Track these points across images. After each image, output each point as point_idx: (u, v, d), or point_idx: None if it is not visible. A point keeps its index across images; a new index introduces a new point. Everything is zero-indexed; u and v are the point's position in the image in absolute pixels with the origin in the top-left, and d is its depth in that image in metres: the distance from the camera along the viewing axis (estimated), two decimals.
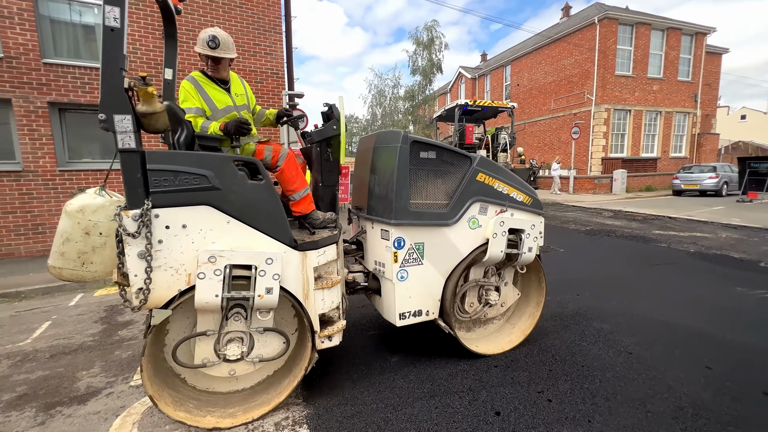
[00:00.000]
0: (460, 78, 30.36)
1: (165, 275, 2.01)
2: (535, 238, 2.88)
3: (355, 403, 2.38)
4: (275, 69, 8.07)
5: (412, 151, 2.52)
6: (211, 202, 2.05)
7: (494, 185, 2.76)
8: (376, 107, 31.10)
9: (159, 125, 2.01)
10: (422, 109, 28.20)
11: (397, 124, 29.41)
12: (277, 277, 2.12)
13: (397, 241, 2.53)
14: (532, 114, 21.87)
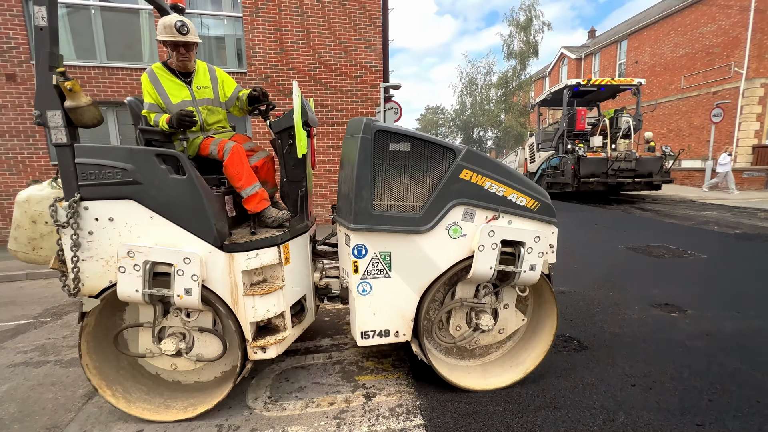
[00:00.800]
0: (562, 59, 27.41)
1: (96, 266, 2.06)
2: (540, 253, 2.23)
3: (470, 401, 2.29)
4: (374, 62, 8.25)
5: (378, 142, 2.12)
6: (133, 197, 2.04)
7: (484, 185, 2.20)
8: (465, 96, 30.03)
9: (86, 119, 2.02)
10: (516, 96, 26.30)
11: (488, 113, 27.99)
12: (195, 278, 2.01)
13: (357, 248, 2.19)
14: (655, 95, 18.68)
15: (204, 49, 7.71)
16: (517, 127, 25.48)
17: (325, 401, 2.35)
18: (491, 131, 30.92)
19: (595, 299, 3.79)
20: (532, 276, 2.26)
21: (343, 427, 2.11)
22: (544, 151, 12.92)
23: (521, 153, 15.11)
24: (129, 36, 7.41)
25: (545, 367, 2.62)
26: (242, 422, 2.17)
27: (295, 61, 7.83)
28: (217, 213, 2.18)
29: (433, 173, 2.19)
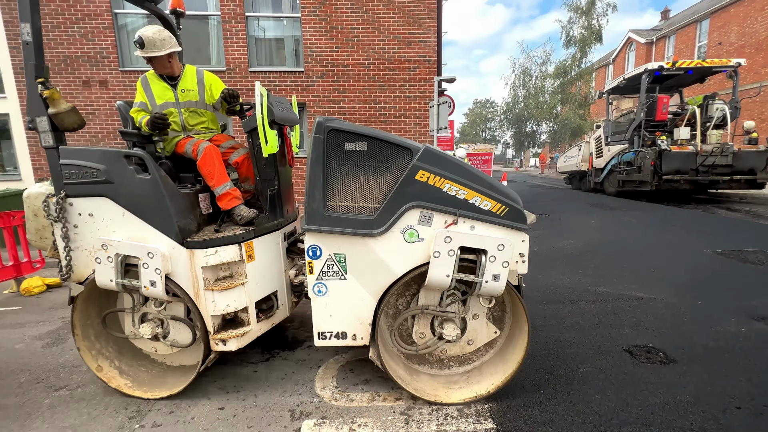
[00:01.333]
0: (629, 44, 25.14)
1: (82, 255, 2.30)
2: (505, 262, 2.03)
3: (544, 409, 2.16)
4: (428, 56, 8.13)
5: (332, 142, 2.03)
6: (107, 194, 2.21)
7: (443, 187, 2.04)
8: (518, 88, 28.68)
9: (66, 124, 2.21)
10: (575, 86, 24.58)
11: (543, 105, 26.50)
12: (158, 271, 2.13)
13: (311, 249, 2.16)
14: (744, 80, 16.46)
15: (264, 51, 8.08)
16: (575, 120, 23.83)
17: (391, 396, 2.35)
18: (546, 124, 29.25)
19: (681, 308, 3.42)
20: (495, 287, 2.06)
21: (411, 424, 2.10)
22: (614, 145, 11.53)
23: (585, 147, 13.57)
24: (199, 41, 7.98)
25: (626, 378, 2.41)
26: (312, 409, 2.24)
27: (349, 58, 7.95)
28: (181, 211, 2.28)
29: (390, 174, 2.07)
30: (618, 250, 5.51)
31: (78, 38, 7.30)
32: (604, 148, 12.07)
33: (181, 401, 2.34)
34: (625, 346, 2.82)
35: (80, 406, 2.33)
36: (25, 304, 4.25)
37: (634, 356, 2.69)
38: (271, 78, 7.89)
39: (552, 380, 2.44)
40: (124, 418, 2.20)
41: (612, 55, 26.82)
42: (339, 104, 8.11)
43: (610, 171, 11.54)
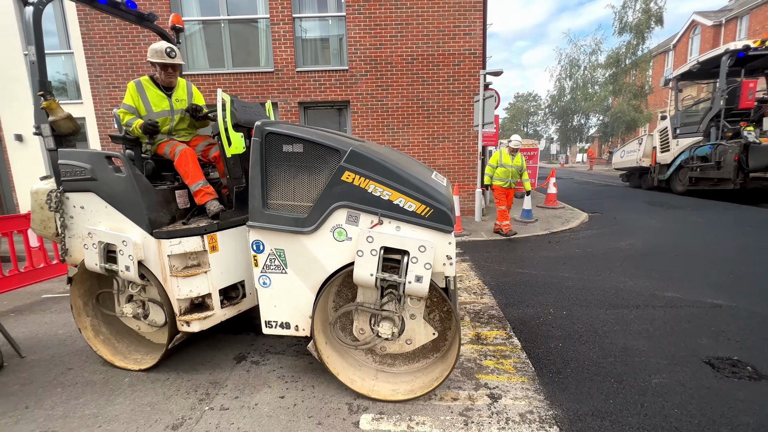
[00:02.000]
0: (693, 28, 22.96)
1: (77, 242, 2.71)
2: (427, 264, 2.01)
3: (616, 421, 2.02)
4: (473, 49, 7.89)
5: (269, 144, 2.15)
6: (93, 190, 2.54)
7: (368, 188, 2.07)
8: (564, 80, 27.21)
9: (62, 129, 2.59)
10: (629, 76, 22.88)
11: (593, 97, 24.95)
12: (131, 258, 2.43)
13: (255, 243, 2.29)
14: None
15: (309, 51, 8.26)
16: (629, 112, 22.19)
17: (447, 395, 2.31)
18: (596, 117, 27.50)
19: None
20: (418, 288, 2.05)
21: (471, 425, 2.05)
22: (684, 138, 10.33)
23: (648, 141, 12.23)
24: (249, 44, 8.32)
25: (709, 393, 2.19)
26: (370, 404, 2.25)
27: (393, 55, 7.92)
28: (154, 204, 2.51)
29: (322, 174, 2.15)
30: (686, 252, 5.06)
31: (144, 45, 7.88)
32: (671, 142, 10.86)
33: (244, 387, 2.46)
34: (704, 358, 2.58)
35: (155, 386, 2.51)
36: None
37: (717, 369, 2.44)
38: (315, 77, 8.05)
39: (622, 390, 2.28)
40: (194, 400, 2.34)
41: (673, 41, 24.62)
42: (382, 101, 8.11)
43: (678, 167, 10.36)
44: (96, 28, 7.88)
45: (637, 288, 3.88)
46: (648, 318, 3.20)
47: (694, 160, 9.68)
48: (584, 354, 2.70)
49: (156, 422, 2.15)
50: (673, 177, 10.81)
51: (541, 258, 5.22)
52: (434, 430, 2.02)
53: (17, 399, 2.42)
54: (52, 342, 3.23)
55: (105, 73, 8.06)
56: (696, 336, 2.87)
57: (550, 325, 3.17)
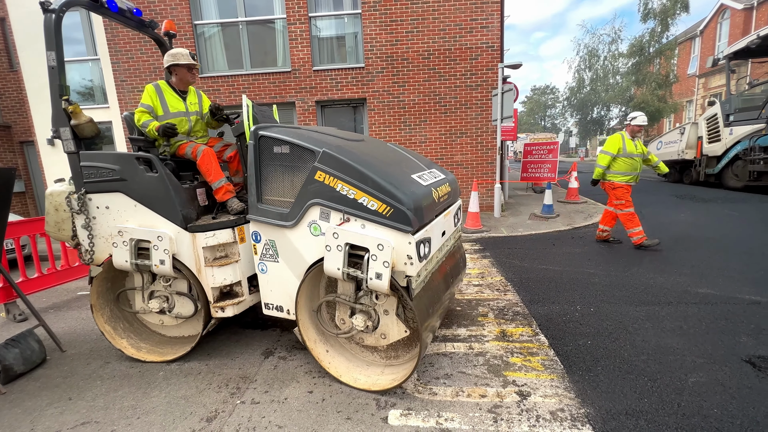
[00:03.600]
0: (721, 12, 21.87)
1: (100, 242, 2.78)
2: (386, 262, 2.07)
3: (652, 420, 1.97)
4: (491, 42, 7.76)
5: (262, 146, 2.41)
6: (121, 190, 2.64)
7: (336, 186, 2.20)
8: (584, 71, 26.45)
9: (86, 133, 2.66)
10: (653, 64, 22.05)
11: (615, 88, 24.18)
12: (167, 252, 2.54)
13: (254, 234, 2.54)
14: None
15: (326, 49, 8.30)
16: (653, 102, 21.40)
17: (475, 392, 2.30)
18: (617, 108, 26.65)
19: None
20: (378, 284, 2.12)
21: (501, 423, 2.03)
22: (740, 125, 9.07)
23: (692, 130, 10.87)
24: (266, 45, 8.42)
25: (750, 392, 2.10)
26: (397, 400, 2.26)
27: (409, 51, 7.87)
28: (184, 201, 2.63)
29: (301, 173, 2.33)
30: (719, 247, 4.85)
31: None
32: (723, 131, 9.52)
33: (273, 382, 2.51)
34: (744, 356, 2.47)
35: (189, 380, 2.60)
36: None
37: (759, 369, 2.34)
38: (332, 75, 8.09)
39: (656, 389, 2.22)
40: (226, 394, 2.41)
41: (699, 27, 23.54)
42: (398, 98, 8.08)
43: (733, 159, 9.20)
44: (120, 35, 8.13)
45: (667, 284, 3.75)
46: (681, 315, 3.09)
47: (755, 151, 8.46)
48: (615, 352, 2.63)
49: (191, 414, 2.23)
50: (725, 171, 9.64)
51: (565, 254, 5.11)
52: (464, 426, 2.01)
53: (61, 391, 2.55)
54: (89, 337, 3.37)
55: (129, 78, 8.32)
56: (734, 334, 2.75)
57: (577, 322, 3.10)
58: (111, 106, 9.23)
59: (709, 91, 21.74)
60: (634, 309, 3.27)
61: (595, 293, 3.67)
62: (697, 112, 22.37)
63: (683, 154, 11.11)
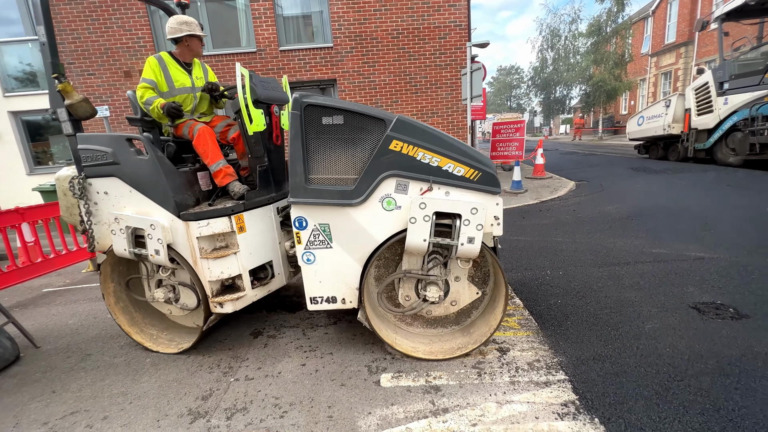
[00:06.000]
0: None
1: (102, 228, 2.64)
2: (479, 225, 2.08)
3: (615, 362, 2.21)
4: (458, 21, 7.82)
5: (309, 117, 2.11)
6: (116, 174, 2.47)
7: (416, 155, 2.09)
8: (546, 51, 27.15)
9: (80, 113, 2.47)
10: (610, 44, 22.96)
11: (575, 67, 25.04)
12: (160, 241, 2.38)
13: (298, 220, 2.28)
14: None
15: (292, 29, 8.04)
16: (610, 81, 22.41)
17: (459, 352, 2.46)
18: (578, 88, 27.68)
19: (749, 266, 3.31)
20: (470, 249, 2.13)
21: (484, 376, 2.21)
22: (737, 94, 8.07)
23: (678, 102, 9.90)
24: (228, 24, 8.03)
25: (697, 333, 2.40)
26: (388, 364, 2.39)
27: (378, 30, 7.78)
28: (179, 187, 2.47)
29: (366, 145, 2.14)
30: (670, 212, 5.31)
31: (116, 29, 7.53)
32: (716, 101, 8.50)
33: (265, 359, 2.56)
34: (691, 304, 2.79)
35: (178, 363, 2.60)
36: None
37: (702, 313, 2.66)
38: (300, 56, 7.88)
39: (619, 336, 2.47)
40: (219, 373, 2.44)
41: (651, 6, 24.68)
42: (369, 78, 8.02)
43: (729, 131, 8.23)
44: (63, 11, 7.47)
45: (626, 247, 4.10)
46: (638, 273, 3.41)
47: (757, 121, 7.43)
48: (582, 308, 2.88)
49: (185, 395, 2.25)
50: (719, 145, 8.65)
51: (534, 225, 5.41)
52: (451, 382, 2.17)
53: (42, 385, 2.48)
54: (64, 332, 3.25)
55: (78, 60, 7.71)
56: (683, 285, 3.09)
57: (548, 285, 3.35)
58: None
59: (660, 70, 23.02)
60: (597, 270, 3.56)
61: (563, 258, 3.95)
62: (650, 90, 23.69)
63: (669, 128, 10.09)
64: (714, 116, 8.55)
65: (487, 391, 2.07)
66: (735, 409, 1.78)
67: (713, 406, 1.81)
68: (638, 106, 24.77)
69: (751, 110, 7.57)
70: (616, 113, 27.42)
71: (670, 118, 10.00)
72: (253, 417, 2.01)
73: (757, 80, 7.78)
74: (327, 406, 2.05)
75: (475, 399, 2.02)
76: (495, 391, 2.07)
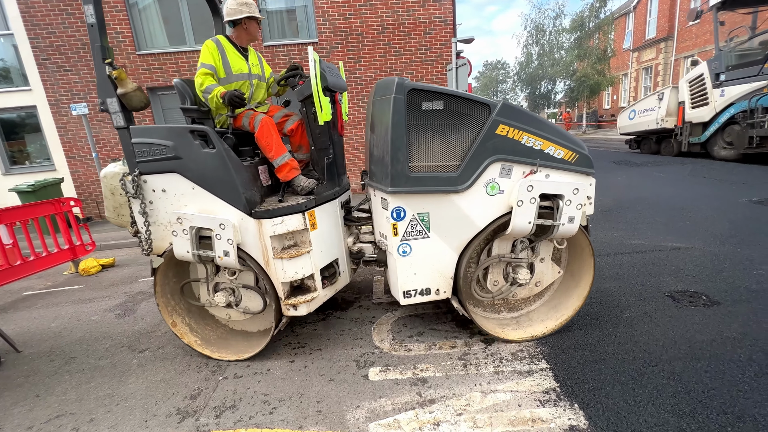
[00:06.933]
0: None
1: (159, 229, 2.41)
2: (579, 204, 2.18)
3: (594, 350, 2.30)
4: (443, 16, 7.84)
5: (411, 102, 2.07)
6: (177, 170, 2.27)
7: (521, 139, 2.14)
8: (531, 46, 27.39)
9: (134, 103, 2.25)
10: (593, 39, 23.31)
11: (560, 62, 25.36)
12: (230, 242, 2.21)
13: (395, 211, 2.22)
14: None
15: (276, 24, 7.94)
16: (593, 76, 22.78)
17: (446, 344, 2.52)
18: (563, 83, 28.06)
19: (720, 255, 3.45)
20: (570, 228, 2.22)
21: (470, 367, 2.27)
22: (734, 85, 7.76)
23: (671, 95, 9.58)
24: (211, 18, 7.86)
25: (671, 320, 2.51)
26: (376, 359, 2.43)
27: (363, 25, 7.75)
28: (247, 182, 2.30)
29: (469, 130, 2.14)
30: (649, 204, 5.48)
31: None
32: (711, 93, 8.22)
33: (254, 358, 2.57)
34: (666, 292, 2.91)
35: (166, 364, 2.59)
36: (86, 282, 4.57)
37: (677, 301, 2.78)
38: (285, 51, 7.79)
39: (598, 325, 2.56)
40: (207, 372, 2.45)
41: (632, 3, 25.11)
42: (355, 74, 7.99)
43: (726, 124, 7.91)
44: (37, 5, 7.22)
45: (607, 239, 4.22)
46: (617, 263, 3.52)
47: (757, 113, 7.12)
48: None
49: (174, 395, 2.25)
50: (716, 138, 8.34)
51: None
52: (438, 374, 2.22)
53: (25, 390, 2.44)
54: (46, 335, 3.20)
55: (53, 56, 7.47)
56: (659, 275, 3.21)
57: None
58: (33, 89, 8.27)
59: (641, 65, 23.49)
60: None
61: None
62: (632, 84, 24.18)
63: (663, 122, 9.77)
64: (710, 109, 8.29)
65: (473, 382, 2.13)
66: (704, 391, 1.87)
67: (684, 388, 1.90)
68: (620, 101, 25.26)
69: (750, 102, 7.29)
70: (600, 108, 27.92)
71: (663, 112, 9.75)
72: (242, 414, 2.03)
73: (756, 71, 7.47)
74: (316, 401, 2.08)
75: (460, 389, 2.07)
76: (480, 381, 2.13)
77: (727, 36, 8.80)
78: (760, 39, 8.06)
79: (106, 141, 7.92)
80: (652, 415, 1.76)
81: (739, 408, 1.75)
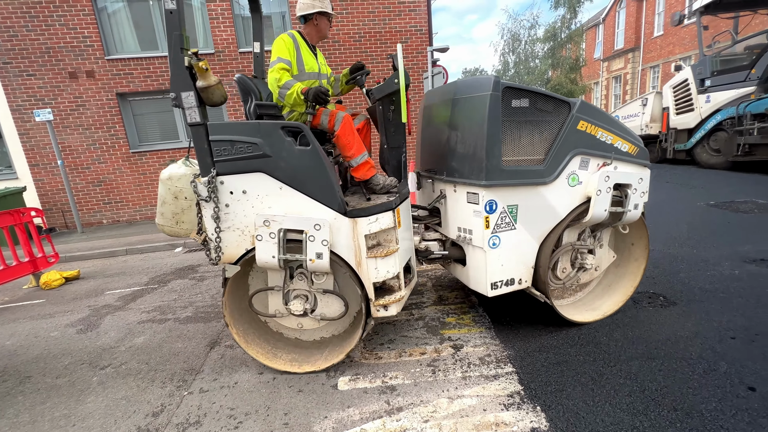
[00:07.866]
0: (620, 1, 24.59)
1: (233, 235, 2.21)
2: (642, 193, 2.51)
3: (558, 352, 2.37)
4: (419, 25, 7.98)
5: (504, 99, 2.19)
6: (263, 169, 2.11)
7: (597, 134, 2.38)
8: (508, 54, 28.17)
9: (215, 98, 2.09)
10: (565, 49, 24.22)
11: (534, 71, 26.17)
12: (325, 243, 2.11)
13: (488, 204, 2.27)
14: None
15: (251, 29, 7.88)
16: (566, 84, 23.63)
17: (416, 351, 2.54)
18: None
19: (678, 256, 3.63)
20: (635, 214, 2.50)
21: (438, 373, 2.29)
22: (720, 91, 7.52)
23: (655, 100, 9.31)
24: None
25: (631, 321, 2.62)
26: (346, 368, 2.42)
27: (340, 33, 7.80)
28: (337, 182, 2.24)
29: (552, 126, 2.33)
30: None
31: (59, 27, 7.05)
32: (697, 99, 7.94)
33: (222, 370, 2.52)
34: None
35: (128, 380, 2.50)
36: (47, 296, 4.37)
37: (636, 302, 2.89)
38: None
39: (563, 329, 2.64)
40: (172, 387, 2.38)
41: (602, 14, 26.28)
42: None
43: (712, 131, 7.67)
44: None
45: None
46: None
47: (745, 120, 6.85)
48: (532, 303, 3.03)
49: (135, 413, 2.17)
50: (701, 146, 8.07)
51: None
52: (406, 381, 2.24)
53: None
54: (0, 354, 3.03)
55: (15, 60, 7.16)
56: None
57: None
58: None
59: (612, 74, 24.54)
60: None
61: None
62: (603, 93, 25.20)
63: (647, 129, 9.42)
64: (695, 115, 7.99)
65: (441, 388, 2.15)
66: (658, 389, 1.96)
67: (640, 387, 1.98)
68: None
69: (738, 108, 6.97)
70: None
71: (647, 118, 9.41)
72: (206, 430, 1.98)
73: (743, 76, 7.19)
74: (283, 413, 2.05)
75: (428, 396, 2.09)
76: (448, 387, 2.15)
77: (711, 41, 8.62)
78: (746, 44, 7.76)
79: (73, 148, 7.62)
80: (609, 414, 1.83)
81: (688, 404, 1.84)
